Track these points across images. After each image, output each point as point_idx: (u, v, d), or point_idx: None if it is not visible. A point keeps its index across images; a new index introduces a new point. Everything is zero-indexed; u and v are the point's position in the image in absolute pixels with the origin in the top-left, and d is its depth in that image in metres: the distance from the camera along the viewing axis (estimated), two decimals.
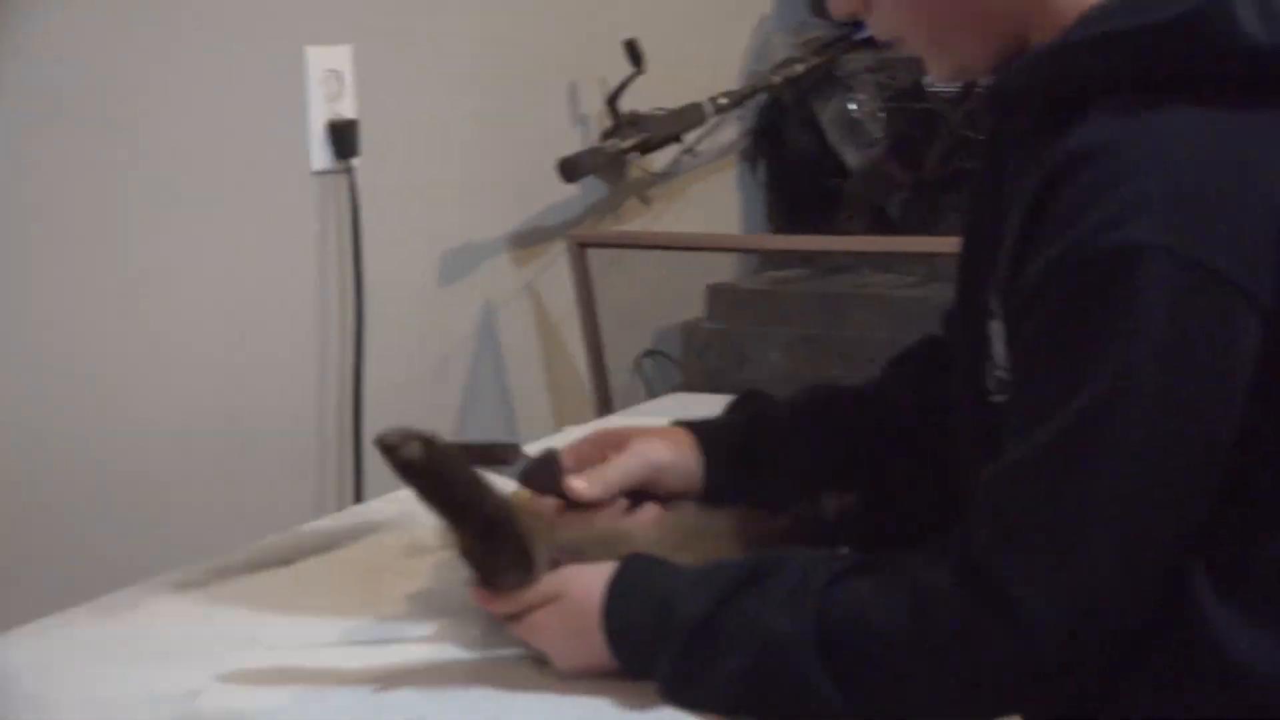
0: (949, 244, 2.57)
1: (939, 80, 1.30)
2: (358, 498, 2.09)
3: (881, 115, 2.83)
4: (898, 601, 1.15)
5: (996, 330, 1.21)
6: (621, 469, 1.42)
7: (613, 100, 2.50)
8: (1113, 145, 1.13)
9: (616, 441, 1.44)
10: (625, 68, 2.49)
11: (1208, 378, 1.11)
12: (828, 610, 1.17)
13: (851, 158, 2.85)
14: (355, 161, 2.12)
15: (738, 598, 1.21)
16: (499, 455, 1.41)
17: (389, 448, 1.23)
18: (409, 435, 1.23)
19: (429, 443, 1.24)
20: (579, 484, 1.40)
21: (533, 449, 1.43)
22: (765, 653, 1.18)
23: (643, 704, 1.24)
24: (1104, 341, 1.10)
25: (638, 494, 1.42)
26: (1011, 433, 1.15)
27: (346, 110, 2.13)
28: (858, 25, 2.87)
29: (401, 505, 1.74)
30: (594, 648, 1.25)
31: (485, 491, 1.27)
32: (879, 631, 1.15)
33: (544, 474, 1.41)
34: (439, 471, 1.25)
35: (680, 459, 1.44)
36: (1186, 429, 1.11)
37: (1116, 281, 1.10)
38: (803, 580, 1.20)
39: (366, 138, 2.13)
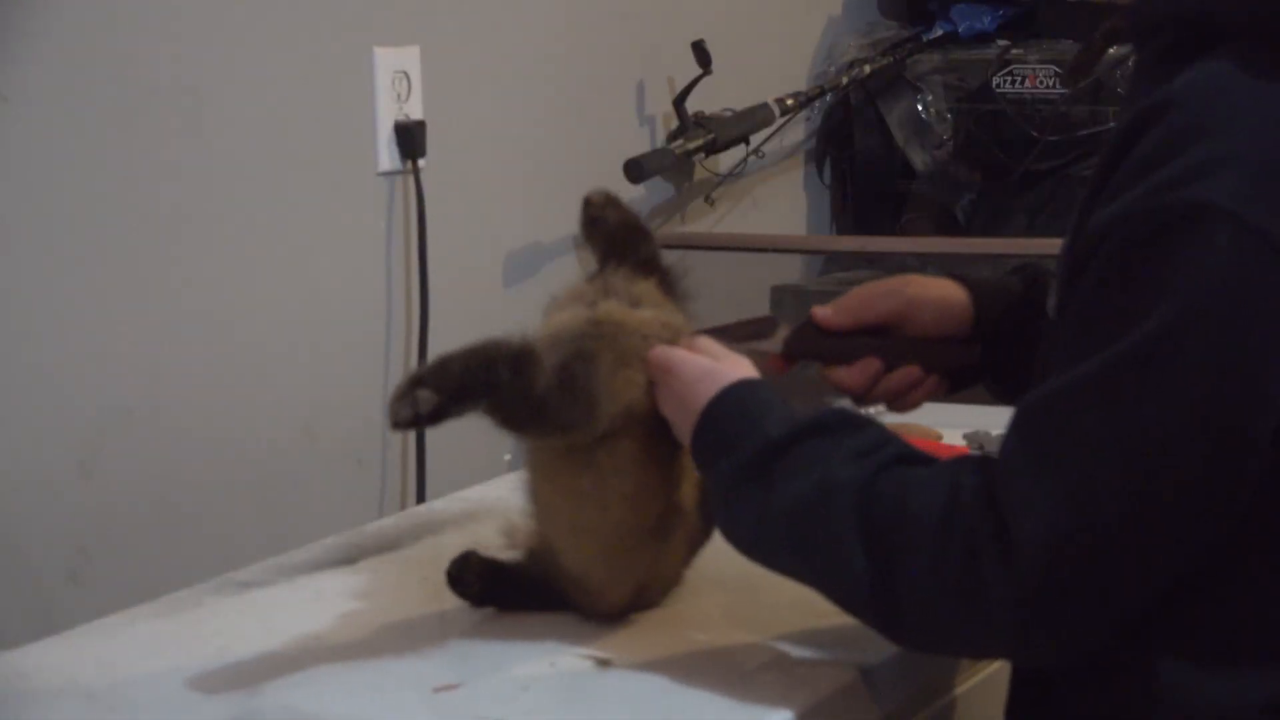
0: (1016, 245, 2.57)
1: None
2: (420, 498, 2.10)
3: (949, 116, 2.82)
4: (936, 495, 1.17)
5: (1066, 248, 1.22)
6: (867, 293, 1.45)
7: (679, 101, 2.50)
8: (1203, 98, 1.13)
9: (874, 285, 1.47)
10: (692, 69, 2.48)
11: (1255, 351, 1.10)
12: (881, 479, 1.19)
13: (919, 159, 2.84)
14: (421, 162, 2.12)
15: (815, 435, 1.24)
16: (755, 331, 1.45)
17: (589, 202, 1.43)
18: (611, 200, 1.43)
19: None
20: (823, 310, 1.44)
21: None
22: (819, 490, 1.20)
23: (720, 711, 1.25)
24: (1157, 294, 1.10)
25: (895, 348, 1.43)
26: (1054, 365, 1.16)
27: (414, 111, 2.13)
28: (927, 26, 2.89)
29: (463, 506, 1.75)
30: (688, 417, 1.29)
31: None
32: (910, 514, 1.17)
33: (804, 339, 1.44)
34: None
35: (942, 295, 1.45)
36: (1222, 398, 1.10)
37: (1180, 238, 1.10)
38: (878, 445, 1.22)
39: (433, 138, 2.14)
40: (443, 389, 1.25)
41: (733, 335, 1.43)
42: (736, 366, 1.33)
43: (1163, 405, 1.09)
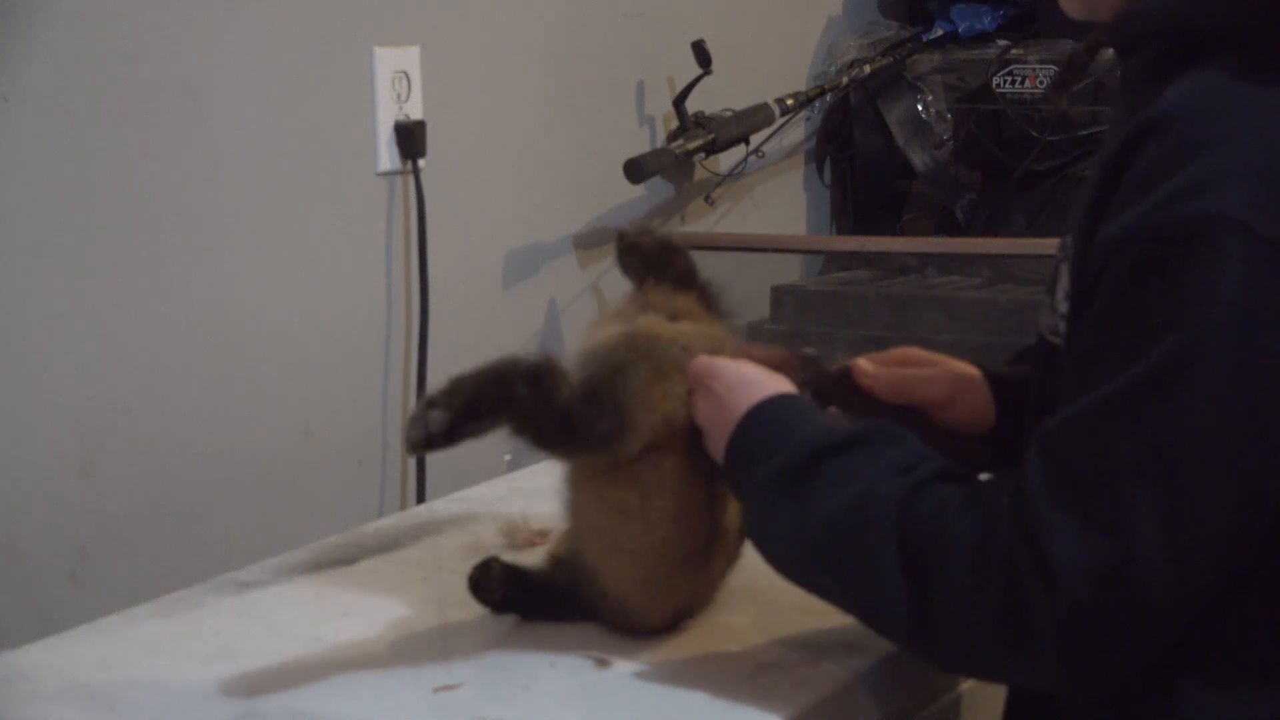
0: (1015, 245, 2.57)
1: (1069, 12, 1.29)
2: (420, 498, 2.10)
3: (949, 116, 2.82)
4: (974, 518, 1.15)
5: (1064, 272, 1.20)
6: (915, 377, 1.42)
7: (680, 101, 2.50)
8: (1202, 110, 1.11)
9: (919, 359, 1.44)
10: (693, 69, 2.49)
11: (1276, 362, 1.09)
12: (921, 497, 1.17)
13: (919, 159, 2.84)
14: (421, 162, 2.13)
15: (857, 447, 1.22)
16: (791, 365, 1.42)
17: (622, 234, 1.44)
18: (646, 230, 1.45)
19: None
20: (867, 372, 1.41)
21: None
22: (857, 504, 1.19)
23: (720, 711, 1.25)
24: (1174, 310, 1.09)
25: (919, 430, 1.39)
26: (1074, 387, 1.14)
27: (414, 111, 2.13)
28: (927, 26, 2.89)
29: (463, 506, 1.75)
30: (726, 424, 1.28)
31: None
32: (949, 537, 1.15)
33: (838, 387, 1.41)
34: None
35: (980, 389, 1.43)
36: (1249, 411, 1.08)
37: (1191, 251, 1.09)
38: (919, 461, 1.21)
39: (433, 138, 2.14)
40: (453, 406, 1.24)
41: (767, 364, 1.41)
42: (777, 381, 1.31)
43: (1190, 421, 1.08)
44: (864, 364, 1.42)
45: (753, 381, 1.30)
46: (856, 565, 1.19)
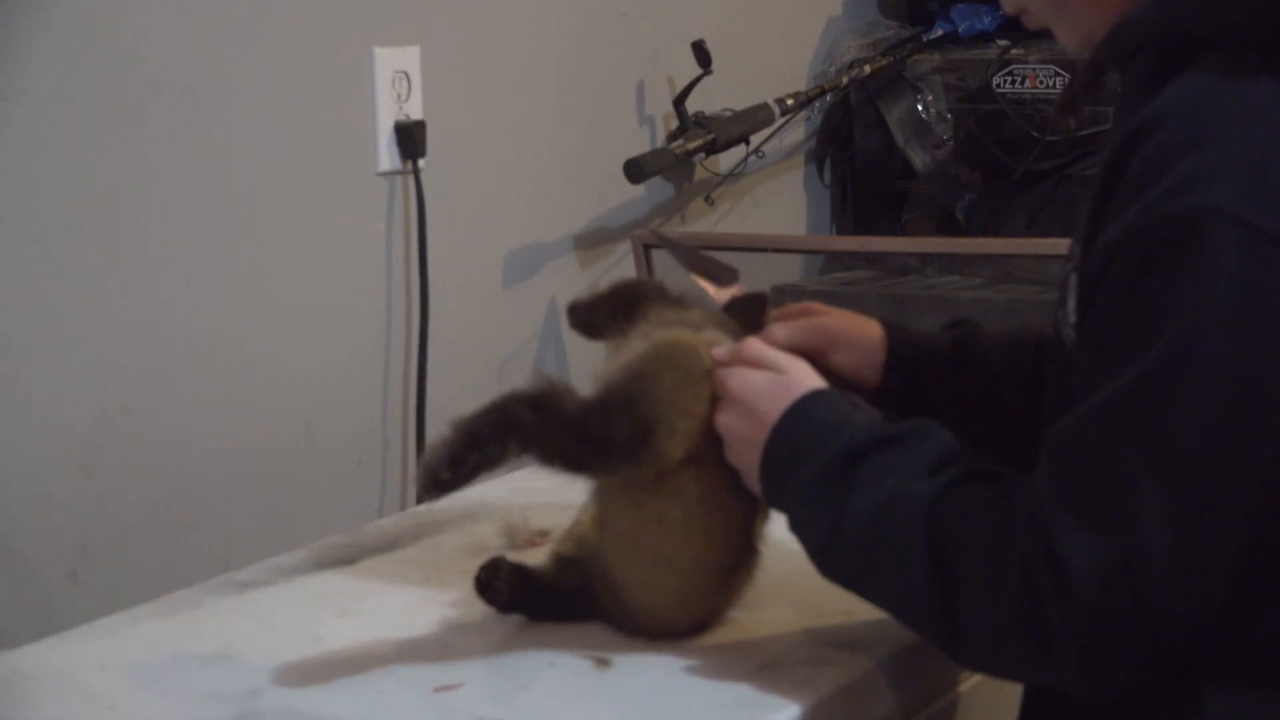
0: (1015, 245, 2.57)
1: (1069, 48, 1.30)
2: (420, 498, 2.10)
3: (949, 116, 2.82)
4: (995, 519, 1.16)
5: (1072, 279, 1.21)
6: (792, 327, 1.43)
7: (680, 101, 2.50)
8: (1192, 108, 1.12)
9: (812, 309, 1.47)
10: (693, 69, 2.49)
11: (1276, 353, 1.09)
12: (949, 496, 1.18)
13: (919, 159, 2.84)
14: (421, 162, 2.13)
15: (890, 446, 1.23)
16: (715, 272, 1.46)
17: (574, 308, 1.45)
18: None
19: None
20: (773, 324, 1.43)
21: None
22: (889, 501, 1.20)
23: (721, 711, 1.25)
24: (1171, 305, 1.09)
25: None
26: (1079, 391, 1.15)
27: (414, 111, 2.13)
28: (927, 26, 2.89)
29: (463, 505, 1.75)
30: (757, 432, 1.28)
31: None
32: (972, 536, 1.16)
33: (749, 308, 1.44)
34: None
35: (861, 338, 1.45)
36: (1251, 406, 1.08)
37: (1185, 246, 1.09)
38: (950, 458, 1.22)
39: (433, 138, 2.14)
40: (451, 442, 1.24)
41: (697, 265, 1.46)
42: (800, 377, 1.31)
43: (1191, 417, 1.08)
44: (776, 327, 1.43)
45: (775, 388, 1.29)
46: (888, 565, 1.20)
